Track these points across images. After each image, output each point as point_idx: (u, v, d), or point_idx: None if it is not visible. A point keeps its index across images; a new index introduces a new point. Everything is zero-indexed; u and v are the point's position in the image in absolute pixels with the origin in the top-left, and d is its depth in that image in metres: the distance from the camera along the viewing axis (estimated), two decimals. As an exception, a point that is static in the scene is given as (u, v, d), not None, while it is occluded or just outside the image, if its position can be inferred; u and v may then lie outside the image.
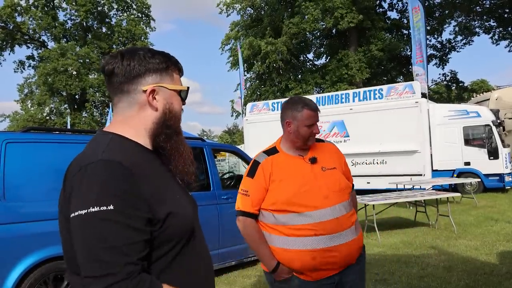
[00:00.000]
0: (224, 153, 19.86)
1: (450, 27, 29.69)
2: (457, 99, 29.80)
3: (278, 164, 2.07)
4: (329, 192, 2.01)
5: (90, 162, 1.01)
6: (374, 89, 14.14)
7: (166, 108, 1.18)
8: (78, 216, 0.96)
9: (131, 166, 1.03)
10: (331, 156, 2.17)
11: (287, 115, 2.10)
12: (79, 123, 31.53)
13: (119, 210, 0.96)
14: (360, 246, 2.12)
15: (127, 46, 31.97)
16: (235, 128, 51.41)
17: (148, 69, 1.15)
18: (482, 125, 12.59)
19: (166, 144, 1.19)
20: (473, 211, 9.34)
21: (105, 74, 1.15)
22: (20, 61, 34.70)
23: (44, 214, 3.44)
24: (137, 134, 1.16)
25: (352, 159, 13.79)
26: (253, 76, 29.93)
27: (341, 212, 2.02)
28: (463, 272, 4.83)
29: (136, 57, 1.15)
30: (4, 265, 3.35)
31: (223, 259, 5.15)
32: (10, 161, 3.52)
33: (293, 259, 1.97)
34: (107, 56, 1.18)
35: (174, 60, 1.23)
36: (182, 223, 1.10)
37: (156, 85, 1.16)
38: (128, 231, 0.96)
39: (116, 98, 1.17)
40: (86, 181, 0.99)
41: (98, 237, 0.94)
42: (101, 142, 1.10)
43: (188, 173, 1.24)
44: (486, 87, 34.12)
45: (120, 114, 1.17)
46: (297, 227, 1.96)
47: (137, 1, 35.20)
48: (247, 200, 2.07)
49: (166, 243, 1.06)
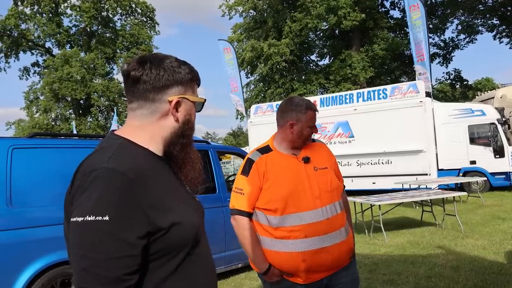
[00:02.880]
0: (229, 156, 19.86)
1: (453, 26, 29.60)
2: (461, 97, 29.66)
3: (272, 163, 2.06)
4: (321, 192, 2.01)
5: (95, 169, 1.01)
6: (378, 89, 14.13)
7: (186, 119, 1.19)
8: (75, 223, 0.96)
9: (136, 176, 1.02)
10: (322, 155, 2.16)
11: (291, 116, 2.08)
12: (84, 128, 31.68)
13: (113, 222, 0.95)
14: (351, 247, 2.10)
15: (132, 51, 32.23)
16: (239, 130, 51.46)
17: (176, 80, 1.16)
18: (487, 123, 12.52)
19: (179, 154, 1.19)
20: (480, 210, 9.29)
21: (130, 79, 1.14)
22: (25, 68, 35.03)
23: (50, 220, 3.45)
24: (151, 140, 1.15)
25: (357, 159, 13.77)
26: (257, 78, 29.94)
27: (332, 213, 2.01)
28: (471, 271, 4.80)
29: (164, 67, 1.15)
30: (12, 271, 3.37)
31: (230, 261, 5.15)
32: (17, 167, 3.54)
33: (284, 262, 1.96)
34: (131, 61, 1.16)
35: (196, 72, 1.23)
36: (186, 232, 1.09)
37: (181, 96, 1.17)
38: (119, 244, 0.95)
39: (136, 104, 1.16)
40: (88, 187, 0.99)
41: (89, 247, 0.94)
42: (109, 147, 1.10)
43: (196, 183, 1.24)
44: (490, 86, 33.87)
45: (138, 120, 1.16)
46: (288, 229, 1.95)
47: (141, 5, 35.38)
48: (242, 199, 2.05)
49: (169, 251, 1.06)
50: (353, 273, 2.12)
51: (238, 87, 19.96)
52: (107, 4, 33.11)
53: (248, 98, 28.26)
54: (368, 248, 6.38)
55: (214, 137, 55.28)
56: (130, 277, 0.96)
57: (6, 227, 3.37)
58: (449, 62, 29.52)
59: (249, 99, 28.49)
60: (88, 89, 30.85)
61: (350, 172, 13.59)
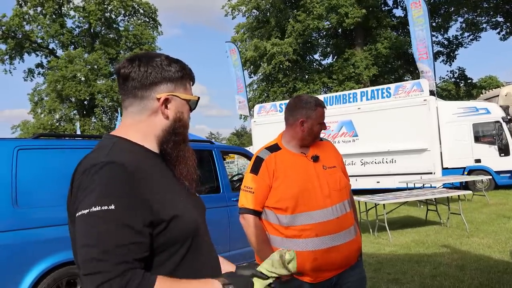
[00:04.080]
0: (233, 155, 19.87)
1: (456, 24, 29.52)
2: (466, 96, 29.54)
3: (282, 161, 2.05)
4: (331, 191, 2.01)
5: (94, 164, 1.03)
6: (382, 88, 14.09)
7: (176, 116, 1.20)
8: (81, 216, 0.98)
9: (134, 169, 1.05)
10: (330, 154, 2.16)
11: (301, 114, 2.07)
12: (89, 128, 31.78)
13: (120, 210, 0.97)
14: (359, 246, 2.11)
15: (135, 51, 32.39)
16: (243, 130, 51.51)
17: (164, 77, 1.17)
18: (492, 121, 12.48)
19: (173, 151, 1.21)
20: (485, 209, 9.25)
21: (120, 77, 1.17)
22: (29, 69, 35.14)
23: (55, 220, 3.46)
24: (145, 138, 1.18)
25: (361, 158, 13.73)
26: (260, 78, 29.95)
27: (342, 212, 2.02)
28: (476, 270, 4.78)
29: (153, 64, 1.16)
30: (18, 271, 3.39)
31: (235, 261, 5.09)
32: (22, 168, 3.56)
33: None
34: (123, 60, 1.19)
35: (189, 70, 1.24)
36: (186, 225, 1.11)
37: (169, 94, 1.18)
38: (127, 231, 0.97)
39: (127, 102, 1.19)
40: (89, 182, 1.01)
41: (97, 236, 0.95)
42: (105, 146, 1.13)
43: (191, 180, 1.25)
44: (495, 84, 33.74)
45: (130, 117, 1.19)
46: (299, 228, 1.95)
47: (144, 6, 35.47)
48: (251, 197, 2.05)
49: (171, 245, 1.07)
50: (361, 272, 2.12)
51: (243, 87, 19.97)
52: (110, 5, 33.23)
53: (251, 97, 28.26)
54: (372, 247, 6.37)
55: (217, 137, 55.39)
56: (139, 264, 0.98)
57: (12, 227, 3.39)
58: (453, 60, 29.45)
59: (252, 98, 28.50)
60: (92, 89, 30.95)
61: (354, 171, 13.57)
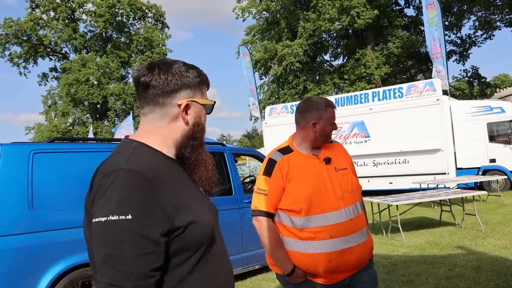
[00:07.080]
0: (245, 157, 19.90)
1: (469, 22, 29.16)
2: (479, 95, 29.15)
3: (294, 163, 2.05)
4: (343, 193, 2.01)
5: (114, 171, 1.05)
6: (394, 88, 13.99)
7: (195, 122, 1.23)
8: (98, 223, 1.00)
9: (153, 176, 1.06)
10: (341, 156, 2.17)
11: (313, 115, 2.08)
12: (101, 131, 32.11)
13: (137, 220, 0.99)
14: (371, 247, 2.12)
15: (146, 54, 32.65)
16: (254, 132, 51.50)
17: (184, 84, 1.19)
18: (507, 120, 12.30)
19: (191, 155, 1.23)
20: (501, 209, 9.11)
21: (140, 85, 1.18)
22: (43, 73, 35.73)
23: (71, 222, 3.52)
24: (163, 143, 1.19)
25: (373, 159, 13.65)
26: (271, 80, 29.95)
27: (355, 213, 2.03)
28: (492, 272, 4.71)
29: (172, 71, 1.18)
30: (34, 272, 3.44)
31: (247, 263, 5.16)
32: (38, 171, 3.61)
33: (310, 263, 1.96)
34: (141, 67, 1.21)
35: (204, 75, 1.27)
36: (203, 231, 1.12)
37: (190, 99, 1.20)
38: (144, 241, 0.99)
39: (147, 108, 1.20)
40: (108, 189, 1.02)
41: (114, 246, 0.97)
42: (125, 150, 1.14)
43: (210, 183, 1.28)
44: (509, 82, 33.27)
45: (150, 123, 1.21)
46: (313, 230, 1.95)
47: (153, 9, 35.83)
48: (265, 200, 2.04)
49: (186, 250, 1.08)
50: (372, 273, 2.12)
51: (254, 89, 20.01)
52: (121, 9, 33.60)
53: (262, 99, 28.27)
54: (386, 248, 6.32)
55: (229, 139, 55.46)
56: (155, 273, 1.00)
57: (28, 230, 3.44)
58: (466, 59, 29.07)
59: (263, 100, 28.52)
60: (105, 92, 31.30)
61: (367, 172, 13.50)
